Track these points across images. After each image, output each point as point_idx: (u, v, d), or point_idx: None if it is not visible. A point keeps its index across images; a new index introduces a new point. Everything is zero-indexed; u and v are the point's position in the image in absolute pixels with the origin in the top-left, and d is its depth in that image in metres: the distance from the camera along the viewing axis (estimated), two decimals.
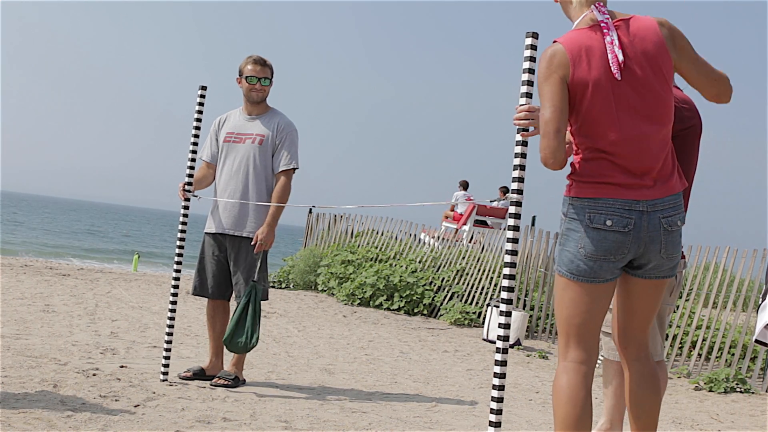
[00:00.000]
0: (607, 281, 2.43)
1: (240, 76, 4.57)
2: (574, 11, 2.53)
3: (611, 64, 2.35)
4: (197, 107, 4.43)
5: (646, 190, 2.38)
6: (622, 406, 3.33)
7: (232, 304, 4.78)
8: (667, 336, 7.48)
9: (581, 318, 2.45)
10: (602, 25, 2.40)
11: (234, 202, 4.48)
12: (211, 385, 4.33)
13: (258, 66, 4.52)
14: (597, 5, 2.46)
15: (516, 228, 2.82)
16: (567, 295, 2.46)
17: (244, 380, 4.52)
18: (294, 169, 4.52)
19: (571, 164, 2.49)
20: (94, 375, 4.16)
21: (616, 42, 2.36)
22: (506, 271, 2.81)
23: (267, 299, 4.54)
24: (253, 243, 4.42)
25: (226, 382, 4.34)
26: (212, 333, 4.61)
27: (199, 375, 4.47)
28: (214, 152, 4.67)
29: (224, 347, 4.47)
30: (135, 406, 3.61)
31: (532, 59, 2.82)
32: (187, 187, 4.46)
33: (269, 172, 4.52)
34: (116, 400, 3.67)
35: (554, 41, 2.45)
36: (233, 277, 4.50)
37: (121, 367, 4.52)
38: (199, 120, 4.44)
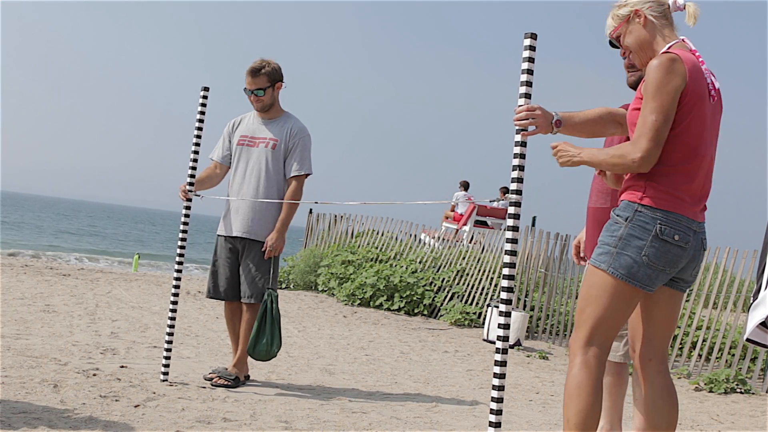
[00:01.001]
0: (652, 290, 2.51)
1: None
2: (666, 34, 2.62)
3: (710, 87, 2.50)
4: (200, 108, 4.41)
5: (698, 213, 2.51)
6: (620, 406, 3.32)
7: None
8: None
9: (617, 320, 2.51)
10: (697, 54, 2.53)
11: (245, 206, 4.47)
12: (212, 384, 4.33)
13: (250, 77, 4.47)
14: (686, 39, 2.60)
15: (515, 228, 2.81)
16: (613, 297, 2.48)
17: (246, 378, 4.52)
18: (306, 174, 4.51)
19: (647, 172, 2.48)
20: (94, 375, 4.15)
21: (710, 72, 2.52)
22: (506, 271, 2.80)
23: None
24: (263, 249, 4.42)
25: (226, 382, 4.34)
26: (232, 335, 4.61)
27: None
28: (225, 154, 4.66)
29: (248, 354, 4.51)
30: (135, 407, 3.59)
31: (531, 60, 2.82)
32: (188, 188, 4.45)
33: (281, 177, 4.50)
34: (116, 401, 3.66)
35: (666, 52, 2.49)
36: (242, 281, 4.50)
37: (122, 367, 4.51)
38: (201, 121, 4.43)
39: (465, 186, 15.08)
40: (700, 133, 2.47)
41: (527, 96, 2.79)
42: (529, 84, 2.81)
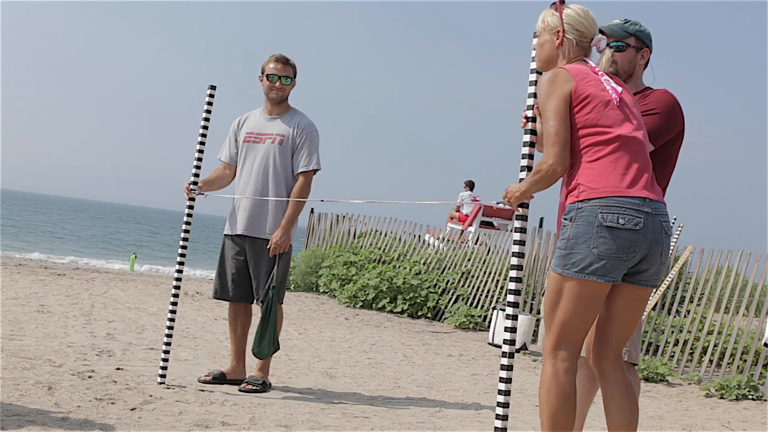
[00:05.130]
0: (614, 281, 2.50)
1: (262, 73, 4.51)
2: (568, 52, 2.70)
3: (611, 93, 2.58)
4: (206, 107, 4.35)
5: (647, 189, 2.51)
6: (584, 410, 3.26)
7: (255, 308, 4.69)
8: (677, 341, 7.37)
9: (582, 321, 2.54)
10: (597, 70, 2.64)
11: (252, 204, 4.40)
12: (240, 390, 4.27)
13: (280, 64, 4.47)
14: (588, 60, 2.71)
15: (523, 230, 2.82)
16: (574, 298, 2.52)
17: (271, 384, 4.45)
18: (315, 170, 4.45)
19: (574, 175, 2.59)
20: (89, 377, 4.09)
21: (611, 81, 2.62)
22: (512, 273, 2.82)
23: (281, 302, 4.43)
24: (268, 246, 4.34)
25: (254, 388, 4.28)
26: (233, 336, 4.54)
27: (220, 379, 4.40)
28: (232, 153, 4.59)
29: (245, 351, 4.51)
30: (131, 410, 3.53)
31: None
32: (192, 187, 4.36)
33: (289, 173, 4.44)
34: (112, 404, 3.60)
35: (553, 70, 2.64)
36: (253, 281, 4.43)
37: (118, 369, 4.45)
38: (207, 120, 4.36)
39: (470, 186, 14.96)
40: (613, 115, 2.53)
41: (535, 96, 2.82)
42: (536, 84, 2.83)
